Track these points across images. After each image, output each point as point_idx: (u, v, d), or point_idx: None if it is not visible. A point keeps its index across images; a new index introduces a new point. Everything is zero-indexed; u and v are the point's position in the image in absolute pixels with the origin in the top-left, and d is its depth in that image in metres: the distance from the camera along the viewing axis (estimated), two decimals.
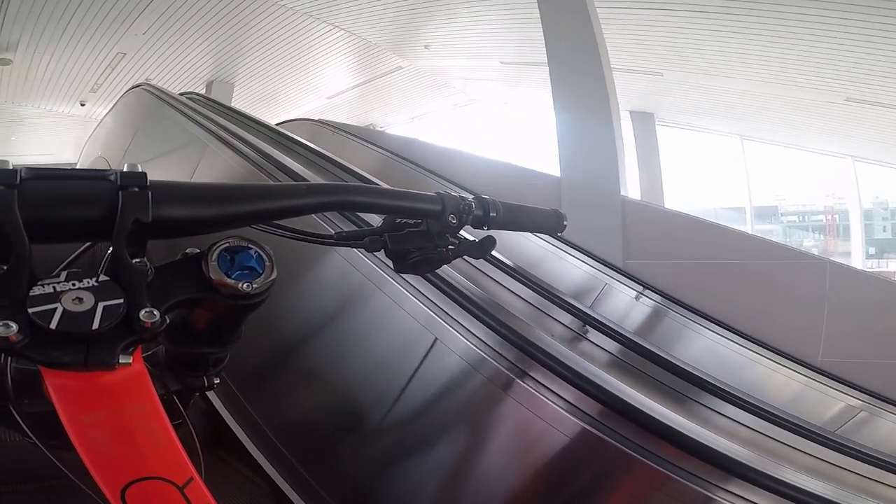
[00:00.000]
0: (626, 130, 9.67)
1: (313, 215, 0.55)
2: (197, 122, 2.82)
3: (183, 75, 9.98)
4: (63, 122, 12.43)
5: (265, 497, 1.44)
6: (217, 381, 0.49)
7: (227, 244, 0.38)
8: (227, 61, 9.66)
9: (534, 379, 1.11)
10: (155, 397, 0.35)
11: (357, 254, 1.49)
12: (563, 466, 1.09)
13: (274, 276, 0.39)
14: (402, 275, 1.16)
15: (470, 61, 9.89)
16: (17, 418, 0.36)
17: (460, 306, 1.23)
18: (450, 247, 0.55)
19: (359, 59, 9.93)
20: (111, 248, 0.34)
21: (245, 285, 0.38)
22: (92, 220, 0.34)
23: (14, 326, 0.30)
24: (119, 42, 8.27)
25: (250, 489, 1.40)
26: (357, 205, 0.48)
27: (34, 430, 0.36)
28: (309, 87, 11.31)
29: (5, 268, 0.31)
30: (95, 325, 0.31)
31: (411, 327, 1.36)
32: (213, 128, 2.65)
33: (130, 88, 5.14)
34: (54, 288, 0.32)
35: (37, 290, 0.31)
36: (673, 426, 0.93)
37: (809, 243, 10.78)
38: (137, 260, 0.35)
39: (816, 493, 0.91)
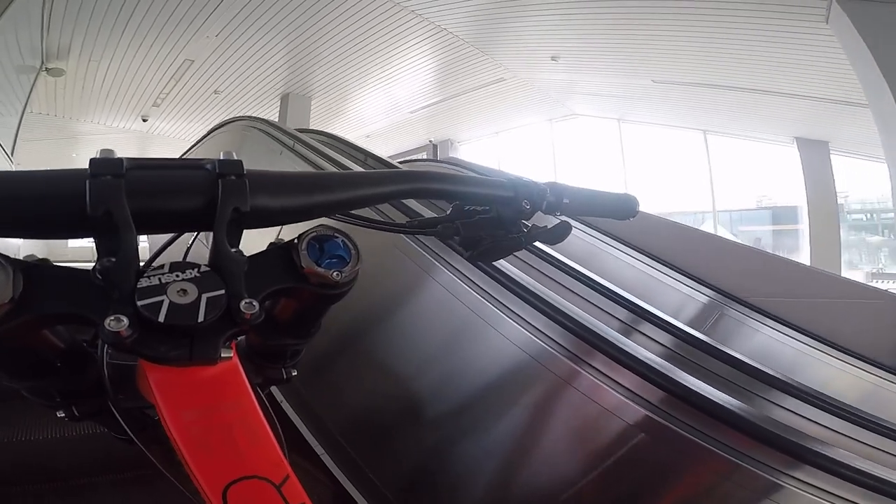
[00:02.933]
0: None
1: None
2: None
3: (257, 86, 8.33)
4: (124, 137, 11.07)
5: (324, 490, 1.40)
6: (294, 373, 0.45)
7: (316, 233, 0.36)
8: (304, 71, 7.95)
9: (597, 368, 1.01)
10: (250, 392, 0.32)
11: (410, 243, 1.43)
12: (629, 454, 0.97)
13: (360, 265, 0.37)
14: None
15: (605, 77, 7.95)
16: (115, 414, 0.36)
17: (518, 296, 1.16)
18: (524, 234, 0.51)
19: (457, 69, 8.06)
20: (212, 237, 0.32)
21: (335, 274, 0.35)
22: (193, 210, 0.32)
23: (125, 321, 0.27)
24: (187, 47, 6.64)
25: (310, 483, 0.96)
26: (435, 192, 0.46)
27: (129, 426, 0.36)
28: (392, 101, 9.51)
29: (113, 259, 0.29)
30: (201, 318, 0.29)
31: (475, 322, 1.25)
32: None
33: (227, 122, 3.46)
34: (160, 280, 0.30)
35: (144, 283, 0.29)
36: (742, 414, 0.85)
37: None
38: (236, 250, 0.33)
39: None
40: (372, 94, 9.15)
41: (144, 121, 9.55)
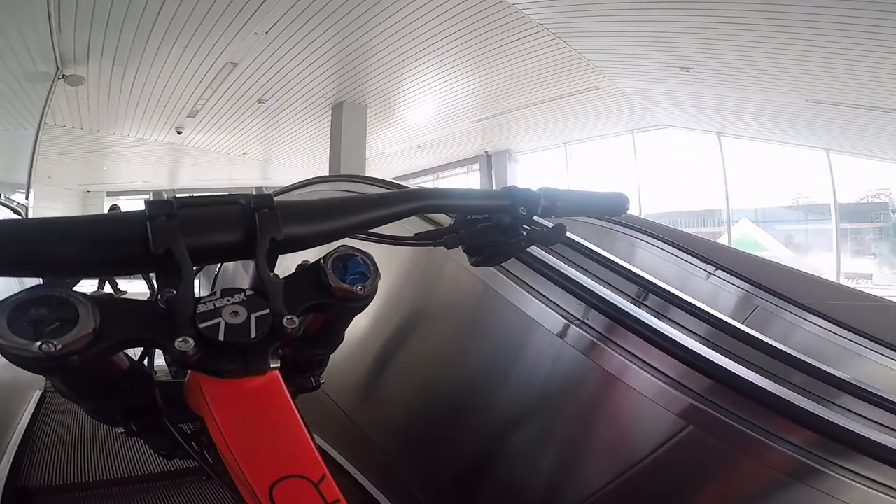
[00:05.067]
0: None
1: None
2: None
3: (306, 94, 6.97)
4: (156, 149, 9.88)
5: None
6: (323, 381, 0.48)
7: (339, 253, 0.40)
8: (360, 75, 6.55)
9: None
10: (289, 398, 0.34)
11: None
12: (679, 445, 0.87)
13: (378, 278, 0.41)
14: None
15: (734, 91, 6.46)
16: (171, 429, 0.38)
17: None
18: (523, 238, 0.55)
19: (548, 75, 6.56)
20: (253, 264, 0.35)
21: (359, 288, 0.39)
22: (237, 242, 0.35)
23: (191, 342, 0.30)
24: (229, 47, 5.30)
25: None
26: (439, 207, 0.50)
27: (182, 439, 0.38)
28: (455, 109, 8.05)
29: (174, 291, 0.32)
30: (253, 335, 0.32)
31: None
32: None
33: (322, 180, 2.28)
34: (214, 305, 0.33)
35: (202, 308, 0.32)
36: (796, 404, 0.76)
37: None
38: (274, 274, 0.36)
39: None
40: (432, 101, 7.71)
41: (179, 133, 8.30)
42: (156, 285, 0.33)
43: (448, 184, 13.62)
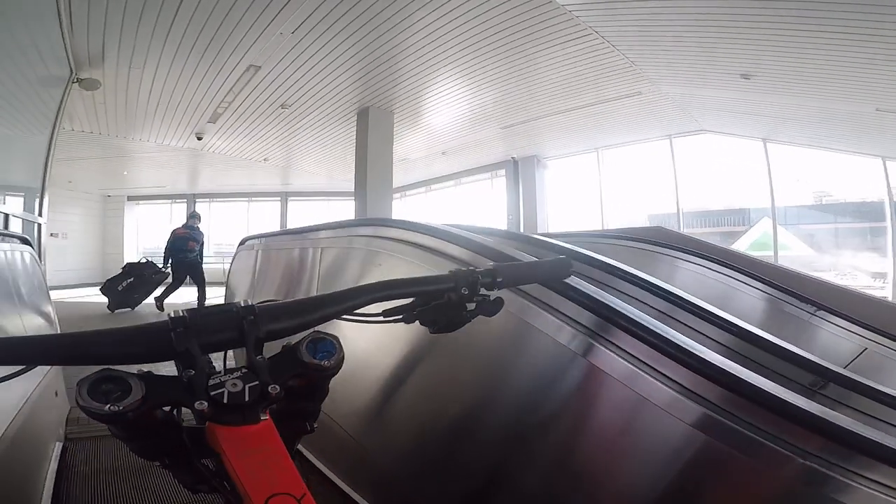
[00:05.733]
0: None
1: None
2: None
3: (332, 98, 6.57)
4: (176, 155, 9.60)
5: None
6: (316, 425, 0.57)
7: (311, 338, 0.53)
8: (387, 79, 6.13)
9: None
10: (279, 439, 0.46)
11: None
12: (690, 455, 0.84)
13: (343, 354, 0.53)
14: None
15: (795, 99, 5.92)
16: (193, 462, 0.49)
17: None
18: (468, 311, 0.64)
19: (591, 80, 6.07)
20: (246, 351, 0.50)
21: (325, 363, 0.52)
22: (232, 339, 0.50)
23: (206, 404, 0.44)
24: (253, 49, 4.91)
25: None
26: (392, 296, 0.60)
27: (205, 472, 0.49)
28: (485, 114, 7.59)
29: (192, 372, 0.46)
30: (247, 399, 0.46)
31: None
32: None
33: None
34: (220, 379, 0.46)
35: (212, 381, 0.46)
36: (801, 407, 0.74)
37: None
38: (260, 356, 0.49)
39: None
40: (461, 106, 7.26)
41: (199, 139, 7.98)
42: (181, 366, 0.47)
43: (471, 190, 13.17)
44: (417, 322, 0.64)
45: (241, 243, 3.72)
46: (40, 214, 4.43)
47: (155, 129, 7.47)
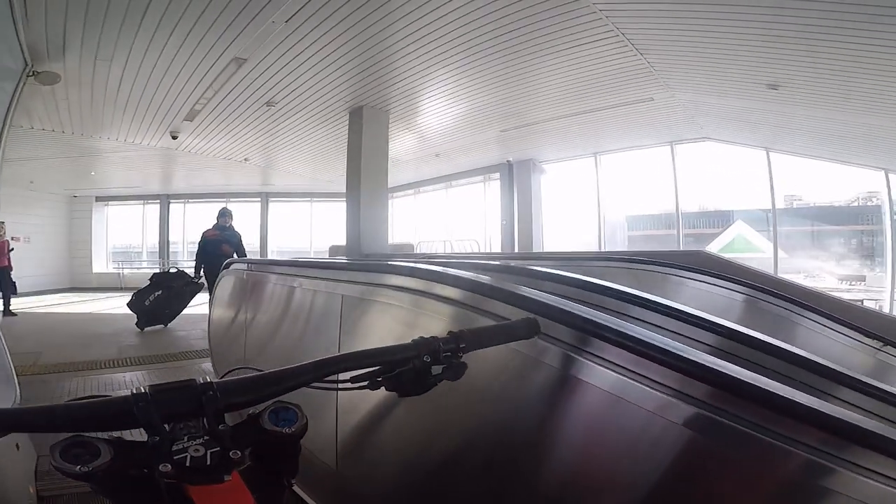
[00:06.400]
0: None
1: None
2: None
3: (323, 96, 6.01)
4: (148, 154, 8.86)
5: None
6: (294, 481, 0.59)
7: (273, 407, 0.56)
8: (384, 76, 5.60)
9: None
10: (248, 495, 0.49)
11: None
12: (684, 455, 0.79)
13: (305, 420, 0.56)
14: None
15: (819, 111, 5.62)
16: None
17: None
18: (433, 376, 0.65)
19: (602, 84, 5.65)
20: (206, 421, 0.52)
21: (287, 430, 0.55)
22: (194, 410, 0.52)
23: (170, 466, 0.48)
24: (238, 40, 4.33)
25: None
26: (352, 367, 0.61)
27: None
28: (485, 116, 7.12)
29: (157, 438, 0.49)
30: (209, 463, 0.49)
31: None
32: None
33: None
34: (183, 445, 0.50)
35: (175, 447, 0.49)
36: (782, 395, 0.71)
37: None
38: (222, 425, 0.52)
39: None
40: (460, 108, 6.77)
41: (174, 138, 7.30)
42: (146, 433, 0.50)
43: (463, 193, 12.69)
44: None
45: (226, 266, 3.18)
46: None
47: (125, 127, 6.77)
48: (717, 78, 5.26)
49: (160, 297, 6.43)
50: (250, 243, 15.48)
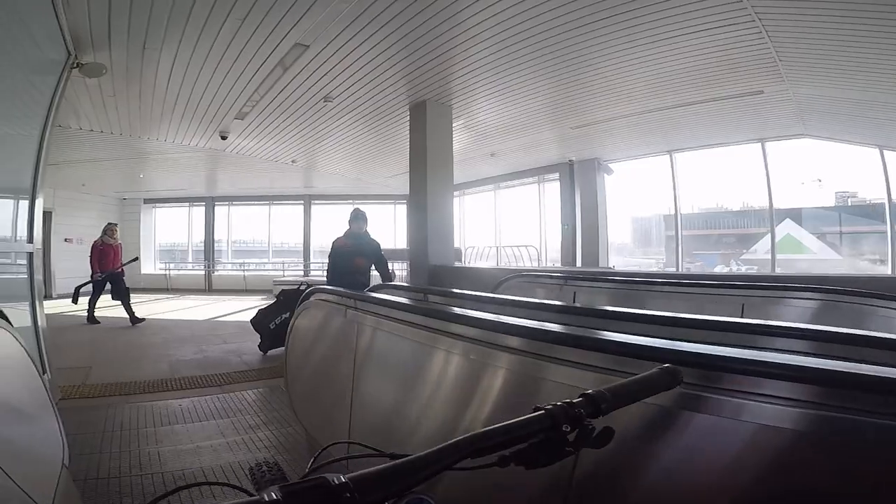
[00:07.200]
0: None
1: None
2: None
3: (385, 88, 5.42)
4: (194, 157, 8.52)
5: None
6: None
7: (408, 499, 0.51)
8: (448, 67, 4.96)
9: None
10: None
11: None
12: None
13: None
14: None
15: None
16: None
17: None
18: (568, 447, 0.56)
19: (713, 75, 4.85)
20: None
21: None
22: None
23: None
24: (303, 20, 3.76)
25: None
26: (485, 449, 0.53)
27: None
28: (557, 112, 6.38)
29: None
30: None
31: None
32: None
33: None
34: None
35: None
36: None
37: None
38: None
39: None
40: (530, 103, 6.07)
41: (223, 138, 6.87)
42: None
43: (514, 195, 11.94)
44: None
45: (305, 296, 2.55)
46: (30, 240, 3.31)
47: (173, 127, 6.37)
48: (849, 68, 4.39)
49: (287, 320, 5.30)
50: (295, 244, 15.28)
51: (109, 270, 7.22)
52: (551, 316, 1.69)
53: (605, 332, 1.12)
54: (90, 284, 7.19)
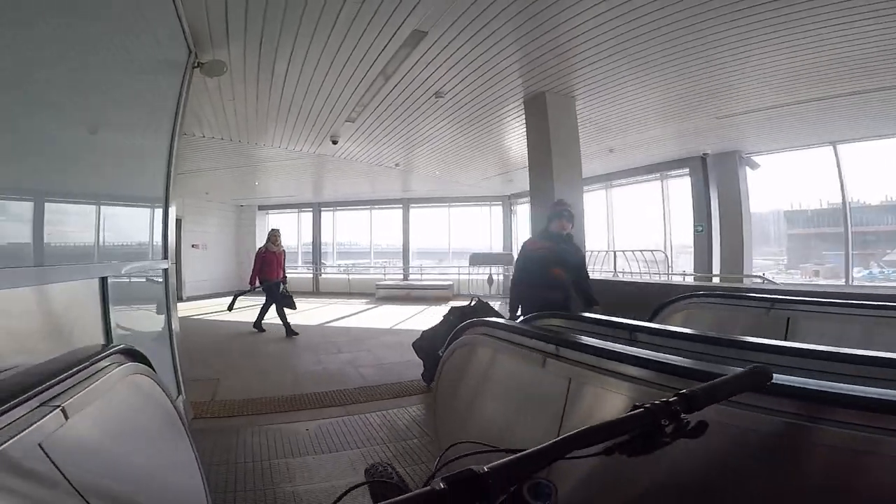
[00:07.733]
0: None
1: None
2: None
3: (500, 80, 4.87)
4: (301, 163, 8.60)
5: None
6: None
7: (530, 482, 0.54)
8: (570, 59, 4.25)
9: None
10: None
11: None
12: None
13: (556, 493, 0.54)
14: None
15: None
16: None
17: None
18: (665, 438, 0.61)
19: (868, 62, 3.73)
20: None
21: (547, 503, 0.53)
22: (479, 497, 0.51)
23: None
24: (419, 7, 3.33)
25: None
26: (594, 441, 0.59)
27: None
28: (695, 99, 5.40)
29: None
30: None
31: None
32: None
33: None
34: None
35: None
36: None
37: None
38: None
39: None
40: (666, 91, 5.17)
41: (334, 142, 6.74)
42: None
43: (627, 193, 10.82)
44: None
45: (461, 328, 2.05)
46: (164, 256, 3.15)
47: (287, 132, 6.34)
48: None
49: None
50: (388, 245, 15.34)
51: (268, 280, 6.64)
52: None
53: None
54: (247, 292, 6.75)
